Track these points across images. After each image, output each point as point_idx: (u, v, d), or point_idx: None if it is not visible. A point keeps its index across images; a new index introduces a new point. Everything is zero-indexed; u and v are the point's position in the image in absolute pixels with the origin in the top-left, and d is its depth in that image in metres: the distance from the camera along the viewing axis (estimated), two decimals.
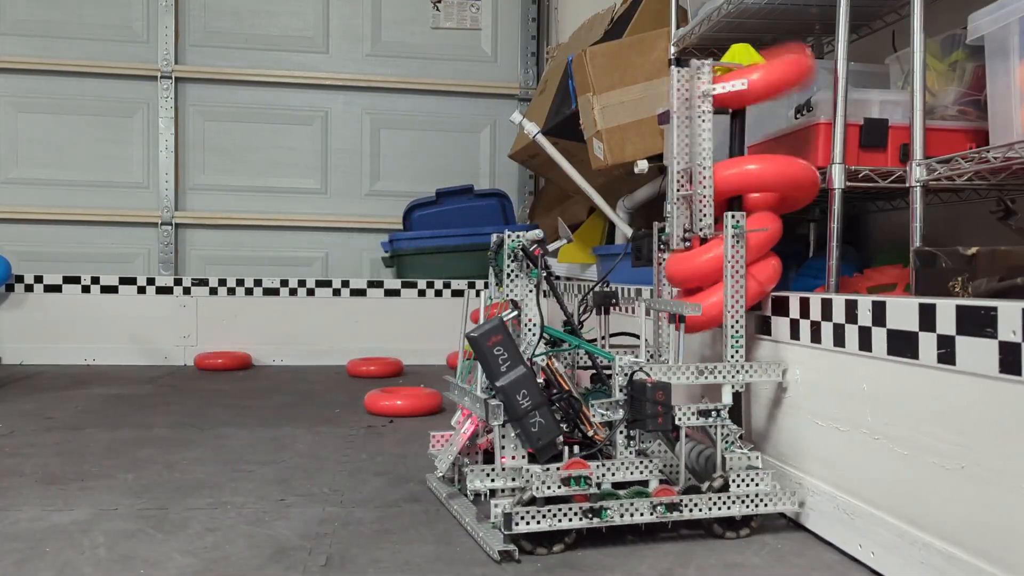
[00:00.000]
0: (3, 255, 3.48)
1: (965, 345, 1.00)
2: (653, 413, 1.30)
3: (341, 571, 1.18)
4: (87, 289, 3.49)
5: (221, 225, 4.02)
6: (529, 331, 1.46)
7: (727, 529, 1.34)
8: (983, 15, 1.30)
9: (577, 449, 1.35)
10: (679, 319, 1.47)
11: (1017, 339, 0.92)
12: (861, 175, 1.56)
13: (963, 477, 1.01)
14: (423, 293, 3.62)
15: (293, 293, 3.61)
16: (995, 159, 1.30)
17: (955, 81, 1.55)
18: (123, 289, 3.52)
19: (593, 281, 2.94)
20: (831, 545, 1.29)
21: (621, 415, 1.34)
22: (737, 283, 1.43)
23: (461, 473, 1.51)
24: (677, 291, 1.62)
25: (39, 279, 3.48)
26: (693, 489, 1.34)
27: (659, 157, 2.43)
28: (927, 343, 1.07)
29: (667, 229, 1.57)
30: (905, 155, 1.54)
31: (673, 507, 1.31)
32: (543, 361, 1.44)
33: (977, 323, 0.98)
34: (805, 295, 1.39)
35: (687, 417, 1.36)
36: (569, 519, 1.26)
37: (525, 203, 4.30)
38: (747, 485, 1.34)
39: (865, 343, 1.21)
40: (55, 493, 1.54)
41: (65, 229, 3.90)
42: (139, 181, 3.97)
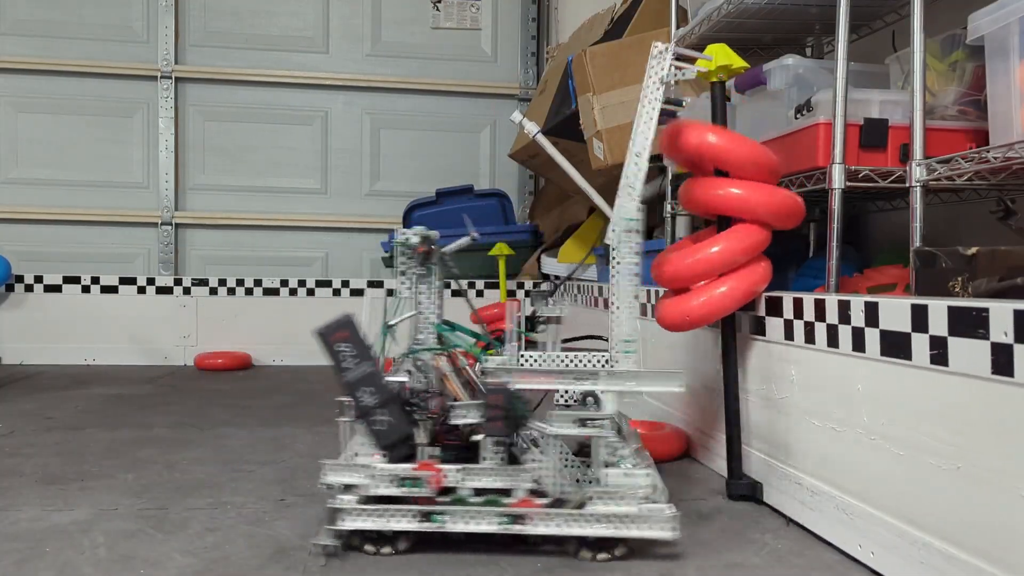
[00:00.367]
0: (3, 255, 3.48)
1: (957, 346, 1.00)
2: (489, 416, 1.24)
3: (341, 571, 1.18)
4: (87, 289, 3.49)
5: (221, 225, 4.02)
6: (422, 329, 1.43)
7: (584, 549, 1.23)
8: (983, 15, 1.30)
9: (437, 450, 1.28)
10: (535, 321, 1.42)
11: (1009, 340, 0.92)
12: (861, 175, 1.56)
13: (959, 477, 1.01)
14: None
15: (293, 293, 3.61)
16: (995, 159, 1.30)
17: (955, 81, 1.55)
18: (123, 289, 3.52)
19: (590, 280, 2.94)
20: (831, 545, 1.29)
21: (478, 419, 1.26)
22: (629, 280, 1.34)
23: None
24: (666, 291, 1.62)
25: (39, 279, 3.48)
26: (559, 503, 1.23)
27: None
28: (920, 344, 1.07)
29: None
30: (905, 155, 1.54)
31: (517, 519, 1.22)
32: (431, 360, 1.38)
33: (969, 324, 0.98)
34: (799, 295, 1.39)
35: (563, 425, 1.25)
36: (400, 520, 1.22)
37: (525, 203, 4.30)
38: (611, 505, 1.21)
39: (859, 344, 1.21)
40: (55, 493, 1.54)
41: (65, 229, 3.90)
42: (139, 181, 3.97)
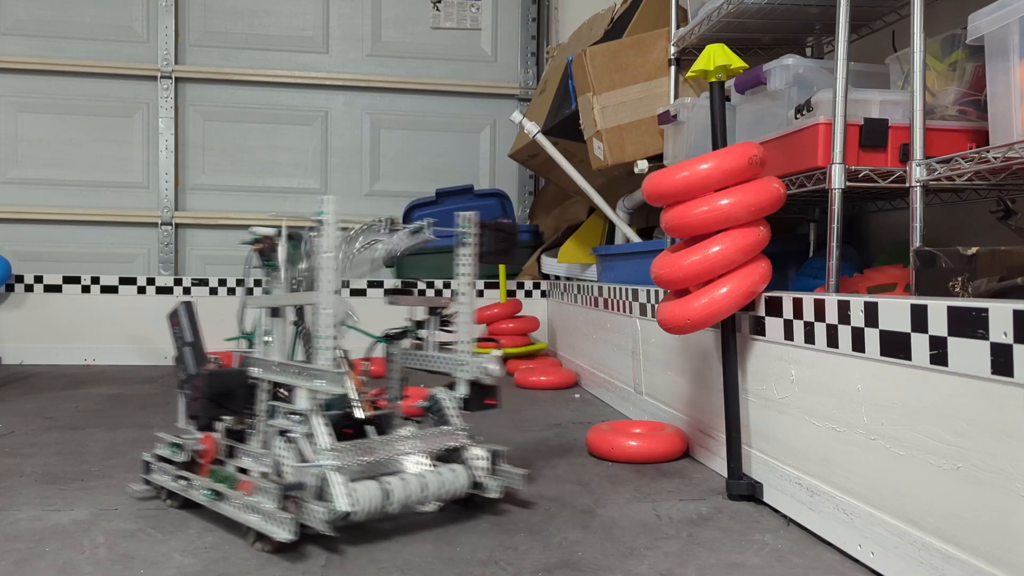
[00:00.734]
0: (3, 255, 3.49)
1: (957, 346, 1.00)
2: (191, 400, 1.38)
3: (341, 571, 1.18)
4: (87, 289, 3.49)
5: (221, 225, 4.02)
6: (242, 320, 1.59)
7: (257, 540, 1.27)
8: (983, 15, 1.30)
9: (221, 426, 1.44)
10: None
11: (1008, 340, 0.92)
12: (861, 175, 1.56)
13: (959, 477, 1.01)
14: (423, 293, 3.62)
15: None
16: (995, 159, 1.30)
17: (955, 81, 1.55)
18: (123, 289, 3.52)
19: (590, 280, 2.95)
20: (831, 545, 1.29)
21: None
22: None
23: None
24: (667, 292, 1.62)
25: (39, 279, 3.48)
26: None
27: (659, 157, 2.43)
28: (920, 344, 1.07)
29: None
30: (905, 155, 1.54)
31: (220, 497, 1.34)
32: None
33: (969, 324, 0.98)
34: (799, 295, 1.39)
35: (281, 419, 1.32)
36: (167, 479, 1.44)
37: (525, 203, 4.31)
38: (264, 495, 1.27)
39: (859, 344, 1.21)
40: (55, 493, 1.54)
41: (65, 229, 3.90)
42: (139, 181, 3.97)
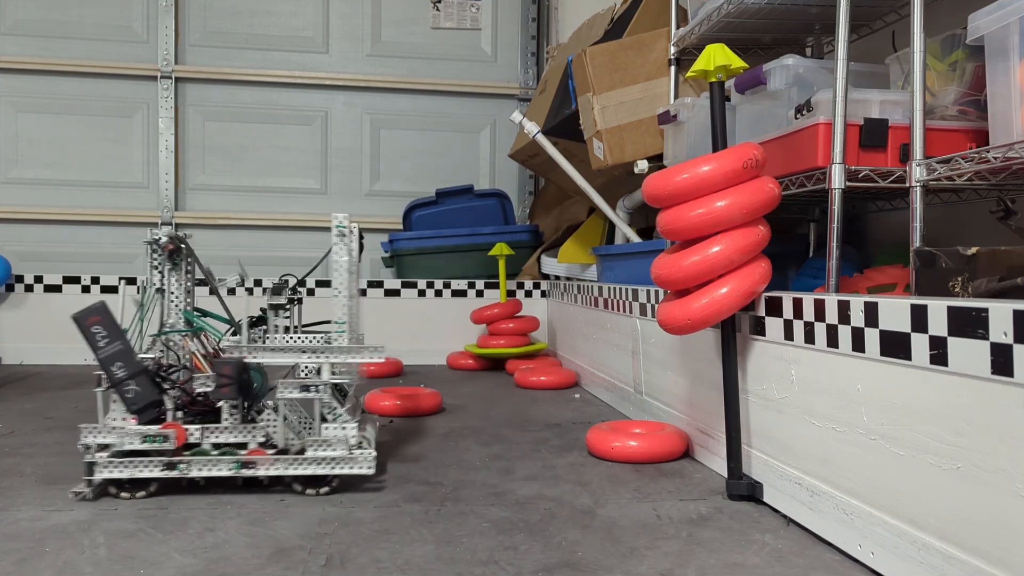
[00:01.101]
0: (3, 255, 3.49)
1: (957, 346, 1.00)
2: (220, 384, 1.52)
3: (341, 571, 1.18)
4: (87, 289, 3.49)
5: (221, 225, 4.03)
6: (171, 314, 1.69)
7: (306, 486, 1.55)
8: (983, 15, 1.30)
9: (181, 415, 1.57)
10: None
11: (1008, 340, 0.92)
12: (861, 175, 1.56)
13: (959, 477, 1.01)
14: (423, 293, 3.62)
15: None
16: (995, 159, 1.30)
17: (955, 81, 1.55)
18: (123, 289, 3.51)
19: (590, 280, 2.95)
20: (831, 545, 1.29)
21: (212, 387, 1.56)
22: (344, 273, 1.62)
23: None
24: (667, 292, 1.62)
25: (39, 279, 3.48)
26: (284, 452, 1.55)
27: (659, 157, 2.43)
28: (920, 344, 1.07)
29: None
30: (905, 155, 1.54)
31: (248, 464, 1.52)
32: (180, 340, 1.66)
33: (969, 324, 0.98)
34: (798, 295, 1.39)
35: (288, 390, 1.56)
36: (150, 470, 1.50)
37: (525, 203, 4.31)
38: (323, 451, 1.55)
39: (859, 344, 1.21)
40: (55, 493, 1.54)
41: (65, 229, 3.90)
42: (139, 181, 3.97)
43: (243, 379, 1.56)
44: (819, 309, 1.32)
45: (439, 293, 3.64)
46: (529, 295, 3.68)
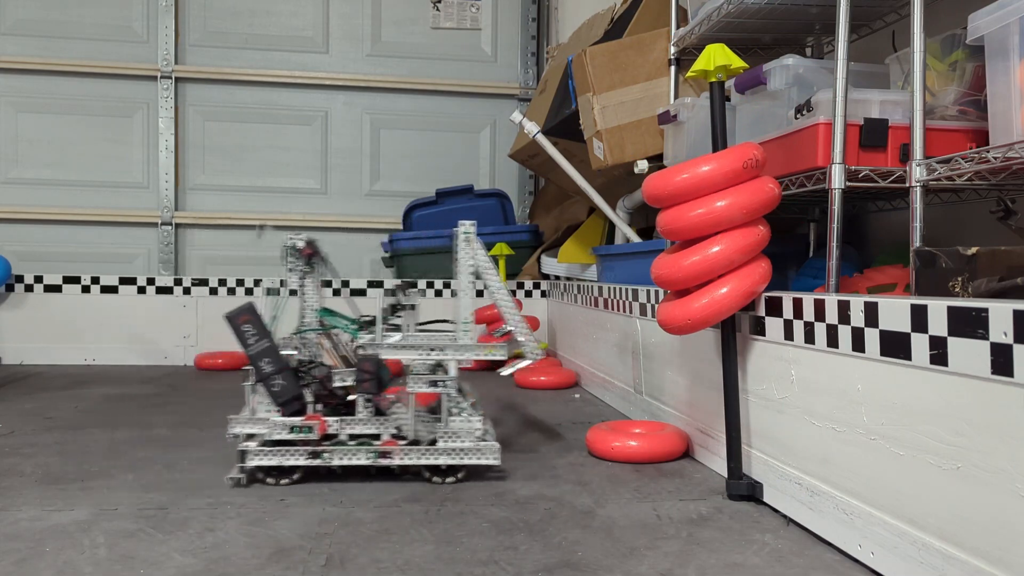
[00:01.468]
0: (3, 255, 3.49)
1: (957, 346, 1.00)
2: (361, 379, 1.62)
3: (341, 571, 1.18)
4: (87, 289, 3.49)
5: (221, 225, 4.03)
6: (306, 314, 1.76)
7: (434, 475, 1.64)
8: (983, 15, 1.30)
9: (321, 407, 1.66)
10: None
11: (1008, 340, 0.92)
12: (861, 175, 1.56)
13: (959, 477, 1.01)
14: (423, 293, 3.62)
15: (293, 293, 3.61)
16: (995, 159, 1.30)
17: (955, 81, 1.55)
18: (123, 289, 3.52)
19: (590, 280, 2.94)
20: (831, 545, 1.29)
21: (351, 382, 1.65)
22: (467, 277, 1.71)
23: None
24: (667, 292, 1.63)
25: (39, 279, 3.48)
26: (415, 443, 1.63)
27: (659, 157, 2.43)
28: (920, 344, 1.07)
29: None
30: (905, 155, 1.54)
31: (384, 454, 1.62)
32: (315, 337, 1.74)
33: (969, 324, 0.98)
34: (798, 295, 1.39)
35: (418, 384, 1.65)
36: (295, 458, 1.60)
37: (525, 203, 4.31)
38: (454, 442, 1.63)
39: (859, 344, 1.21)
40: (55, 493, 1.54)
41: (65, 229, 3.90)
42: (139, 181, 3.97)
43: (380, 374, 1.65)
44: (819, 309, 1.32)
45: (439, 293, 3.64)
46: (529, 295, 3.68)
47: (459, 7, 4.23)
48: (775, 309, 1.47)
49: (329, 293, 3.62)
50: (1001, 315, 0.93)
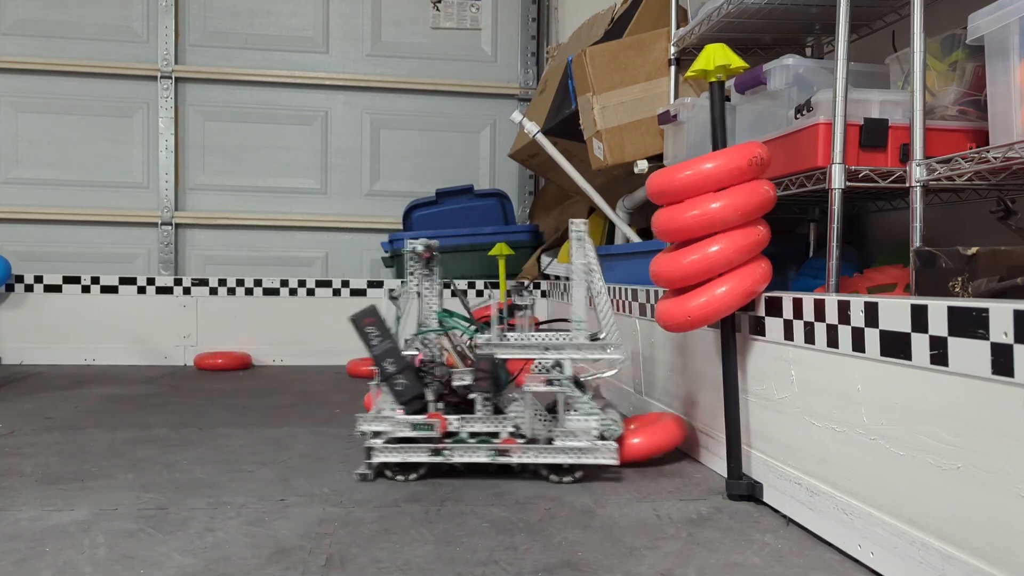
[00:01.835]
0: (3, 255, 3.49)
1: (957, 346, 1.00)
2: (479, 378, 1.65)
3: (341, 571, 1.18)
4: (87, 289, 3.49)
5: (221, 225, 4.03)
6: (427, 316, 1.80)
7: (553, 473, 1.66)
8: (983, 15, 1.30)
9: (440, 404, 1.69)
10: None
11: (1009, 340, 0.92)
12: (861, 175, 1.56)
13: (959, 477, 1.01)
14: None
15: (293, 293, 3.62)
16: (995, 159, 1.30)
17: (955, 81, 1.55)
18: (123, 289, 3.52)
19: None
20: (831, 545, 1.29)
21: (470, 381, 1.69)
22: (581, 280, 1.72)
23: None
24: (665, 291, 1.63)
25: (39, 279, 3.48)
26: (533, 441, 1.65)
27: (659, 157, 2.43)
28: (920, 344, 1.07)
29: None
30: (905, 155, 1.54)
31: (503, 452, 1.64)
32: (435, 338, 1.77)
33: (969, 324, 0.98)
34: (798, 295, 1.39)
35: (535, 384, 1.67)
36: (419, 455, 1.64)
37: (525, 203, 4.31)
38: (572, 441, 1.64)
39: (859, 344, 1.21)
40: (55, 493, 1.54)
41: (65, 229, 3.90)
42: (139, 181, 3.97)
43: (496, 373, 1.68)
44: (819, 309, 1.32)
45: (453, 294, 3.63)
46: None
47: (459, 7, 4.23)
48: (775, 309, 1.47)
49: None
50: (1001, 315, 0.93)
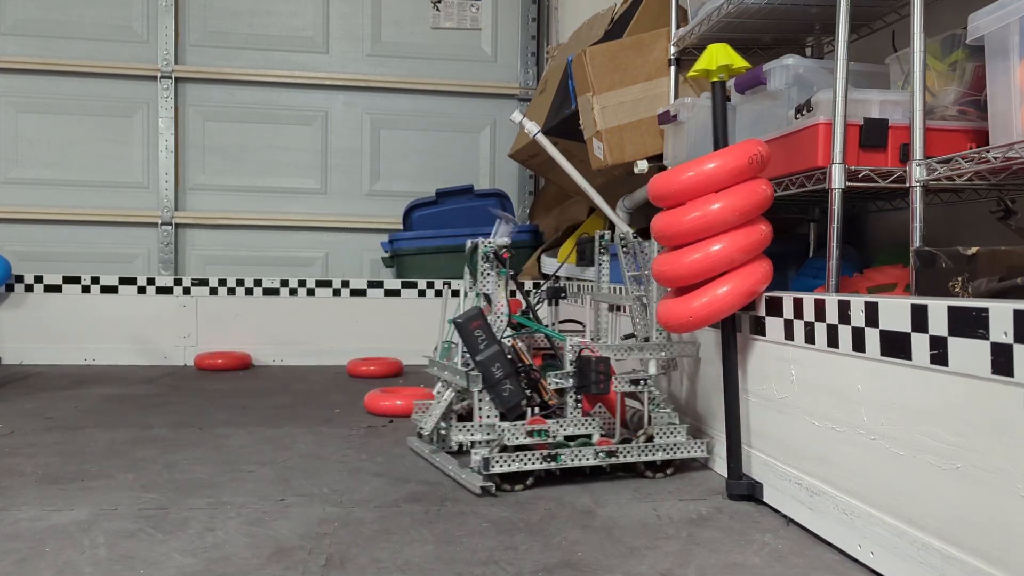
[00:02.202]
0: (3, 255, 3.48)
1: (957, 346, 1.00)
2: (597, 380, 1.62)
3: (341, 571, 1.18)
4: (87, 289, 3.49)
5: (221, 225, 4.03)
6: (498, 318, 1.79)
7: (649, 470, 1.68)
8: (983, 15, 1.30)
9: (536, 409, 1.70)
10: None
11: (1009, 340, 0.92)
12: (861, 175, 1.56)
13: (959, 477, 1.01)
14: (423, 293, 3.62)
15: (293, 293, 3.61)
16: (995, 159, 1.30)
17: (955, 81, 1.55)
18: (123, 289, 3.52)
19: (590, 281, 2.94)
20: (831, 545, 1.29)
21: (571, 383, 1.66)
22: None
23: (440, 434, 1.86)
24: (668, 290, 1.63)
25: (39, 279, 3.48)
26: (626, 440, 1.68)
27: (659, 157, 2.43)
28: (920, 344, 1.07)
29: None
30: (905, 155, 1.54)
31: (611, 454, 1.63)
32: (510, 342, 1.75)
33: (969, 324, 0.98)
34: (799, 295, 1.39)
35: (622, 384, 1.69)
36: (533, 462, 1.59)
37: (525, 203, 4.31)
38: (666, 437, 1.68)
39: (859, 344, 1.21)
40: (55, 493, 1.54)
41: (65, 229, 3.90)
42: (139, 181, 3.97)
43: (607, 373, 1.64)
44: (819, 309, 1.32)
45: (439, 293, 3.63)
46: (529, 295, 3.68)
47: (459, 7, 4.23)
48: (775, 309, 1.47)
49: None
50: (1001, 315, 0.93)
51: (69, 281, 3.49)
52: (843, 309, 1.25)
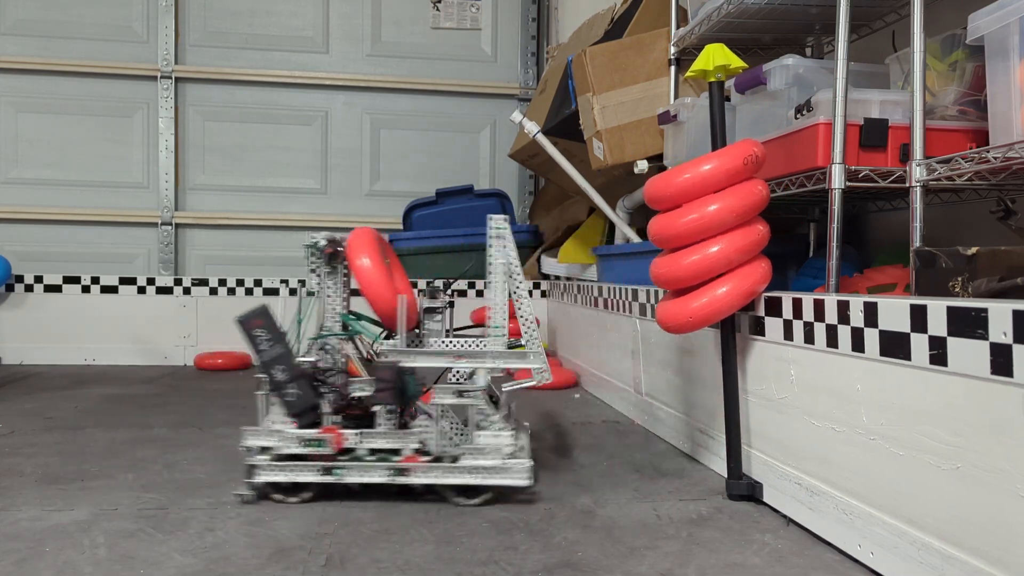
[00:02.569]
0: (3, 255, 3.48)
1: (957, 346, 1.00)
2: (380, 388, 1.50)
3: (341, 571, 1.18)
4: (87, 289, 3.49)
5: (221, 225, 4.02)
6: (329, 318, 1.63)
7: (459, 496, 1.50)
8: (983, 15, 1.30)
9: (339, 418, 1.54)
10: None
11: (1008, 340, 0.92)
12: (861, 175, 1.56)
13: (958, 477, 1.01)
14: (423, 293, 3.62)
15: (293, 293, 3.61)
16: (995, 159, 1.30)
17: (955, 81, 1.55)
18: (123, 289, 3.52)
19: (590, 281, 2.95)
20: (831, 545, 1.29)
21: (369, 391, 1.52)
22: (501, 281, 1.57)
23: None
24: (666, 292, 1.63)
25: (39, 279, 3.48)
26: (438, 460, 1.50)
27: (659, 157, 2.43)
28: (919, 344, 1.07)
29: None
30: (905, 155, 1.54)
31: (402, 471, 1.49)
32: (337, 343, 1.60)
33: (968, 324, 0.98)
34: (798, 295, 1.39)
35: (443, 396, 1.51)
36: (304, 474, 1.49)
37: (525, 203, 4.31)
38: (477, 460, 1.49)
39: (858, 344, 1.21)
40: (55, 493, 1.54)
41: (65, 229, 3.90)
42: (139, 181, 3.97)
43: (402, 384, 1.52)
44: (819, 309, 1.32)
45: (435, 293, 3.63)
46: (529, 295, 3.68)
47: (459, 7, 4.23)
48: (775, 309, 1.47)
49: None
50: (1001, 315, 0.93)
51: (69, 281, 3.49)
52: (842, 309, 1.25)
